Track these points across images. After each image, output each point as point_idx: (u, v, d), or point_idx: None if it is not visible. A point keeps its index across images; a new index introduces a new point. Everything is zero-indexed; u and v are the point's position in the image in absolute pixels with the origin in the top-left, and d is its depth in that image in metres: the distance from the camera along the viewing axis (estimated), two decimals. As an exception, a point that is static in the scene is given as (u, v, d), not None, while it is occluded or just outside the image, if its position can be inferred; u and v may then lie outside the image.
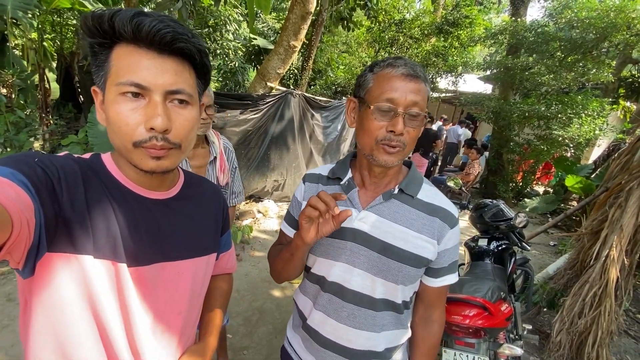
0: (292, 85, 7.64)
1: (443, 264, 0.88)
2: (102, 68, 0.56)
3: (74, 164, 0.58)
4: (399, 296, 0.86)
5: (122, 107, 0.54)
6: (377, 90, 0.77)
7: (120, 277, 0.59)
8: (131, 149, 0.56)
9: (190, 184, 0.76)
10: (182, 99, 0.58)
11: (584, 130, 5.50)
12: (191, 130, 0.61)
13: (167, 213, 0.68)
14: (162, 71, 0.55)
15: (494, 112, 6.56)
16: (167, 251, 0.67)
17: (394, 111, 0.76)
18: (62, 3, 4.63)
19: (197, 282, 0.73)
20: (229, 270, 0.94)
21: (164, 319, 0.67)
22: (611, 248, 2.05)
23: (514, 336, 1.98)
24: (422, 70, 0.78)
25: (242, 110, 4.18)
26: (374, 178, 0.87)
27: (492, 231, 2.25)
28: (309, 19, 4.08)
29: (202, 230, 0.75)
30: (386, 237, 0.83)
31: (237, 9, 6.95)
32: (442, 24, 8.99)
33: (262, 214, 4.60)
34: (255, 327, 2.52)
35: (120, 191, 0.62)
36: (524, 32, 6.36)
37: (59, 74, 6.58)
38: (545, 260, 4.27)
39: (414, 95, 0.75)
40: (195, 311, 0.77)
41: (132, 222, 0.61)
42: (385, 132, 0.77)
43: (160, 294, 0.66)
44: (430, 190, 0.89)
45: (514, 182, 6.99)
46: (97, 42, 0.55)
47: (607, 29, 5.20)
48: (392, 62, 0.78)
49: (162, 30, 0.52)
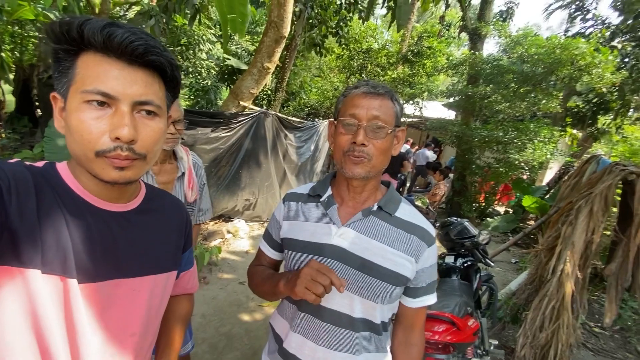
0: (265, 105, 7.71)
1: (421, 283, 0.88)
2: (66, 75, 0.54)
3: (25, 171, 0.54)
4: (378, 316, 0.86)
5: (86, 115, 0.52)
6: (343, 109, 0.85)
7: (69, 293, 0.55)
8: (93, 158, 0.54)
9: (152, 197, 0.73)
10: (150, 110, 0.57)
11: (537, 154, 5.95)
12: (157, 141, 0.60)
13: (126, 226, 0.64)
14: (131, 82, 0.54)
15: (457, 136, 6.96)
16: (124, 267, 0.63)
17: (356, 125, 0.81)
18: (25, 14, 4.45)
19: (154, 301, 0.70)
20: (190, 290, 0.90)
21: (116, 341, 0.63)
22: (565, 263, 2.18)
23: (481, 352, 2.03)
24: (386, 89, 0.84)
25: (213, 128, 4.13)
26: (352, 193, 0.89)
27: (457, 248, 2.34)
28: (283, 43, 4.20)
29: (163, 247, 0.72)
30: (365, 254, 0.83)
31: (211, 30, 7.02)
32: (407, 53, 9.58)
33: (232, 234, 4.46)
34: (222, 354, 2.39)
35: (74, 202, 0.58)
36: (482, 64, 6.92)
37: (15, 86, 6.21)
38: (507, 277, 4.45)
39: (375, 110, 0.81)
40: (151, 333, 0.72)
41: (86, 235, 0.58)
42: (350, 143, 0.82)
43: (113, 313, 0.62)
44: (408, 209, 0.91)
45: (476, 203, 7.35)
46: (62, 49, 0.53)
47: (554, 64, 5.77)
48: (357, 84, 0.86)
49: (134, 42, 0.52)
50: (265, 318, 2.88)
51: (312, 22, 6.68)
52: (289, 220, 0.94)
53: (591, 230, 2.21)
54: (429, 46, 9.20)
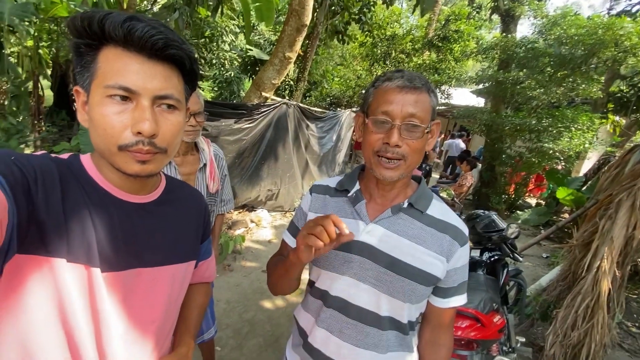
0: (287, 96, 7.70)
1: (452, 283, 0.85)
2: (88, 69, 0.55)
3: (51, 163, 0.56)
4: (405, 315, 0.83)
5: (109, 109, 0.53)
6: (375, 104, 0.78)
7: (92, 281, 0.57)
8: (115, 152, 0.55)
9: (172, 189, 0.75)
10: (170, 104, 0.58)
11: (574, 143, 5.58)
12: (177, 135, 0.61)
13: (146, 217, 0.66)
14: (151, 76, 0.55)
15: (486, 124, 6.65)
16: (144, 257, 0.65)
17: (390, 123, 0.75)
18: (59, 12, 4.65)
19: (173, 290, 0.71)
20: (208, 279, 0.92)
21: (137, 327, 0.65)
22: (602, 259, 2.05)
23: (507, 348, 1.96)
24: (422, 80, 0.77)
25: (236, 119, 4.19)
26: (382, 190, 0.85)
27: (484, 242, 2.25)
28: (304, 31, 4.14)
29: (182, 237, 0.73)
30: (394, 252, 0.80)
31: (233, 21, 7.05)
32: (433, 38, 9.19)
33: (255, 223, 4.56)
34: (245, 340, 2.46)
35: (98, 193, 0.60)
36: (514, 47, 6.52)
37: (53, 82, 6.56)
38: (537, 272, 4.26)
39: (411, 107, 0.74)
40: (171, 320, 0.74)
41: (109, 226, 0.59)
42: (382, 143, 0.76)
43: (135, 301, 0.64)
44: (440, 206, 0.87)
45: (506, 194, 7.04)
46: (84, 43, 0.54)
47: (596, 46, 5.34)
48: (390, 76, 0.78)
49: (154, 37, 0.52)
50: (287, 305, 2.93)
51: (335, 9, 6.55)
52: (315, 213, 0.91)
53: (632, 225, 2.05)
54: (456, 30, 8.78)
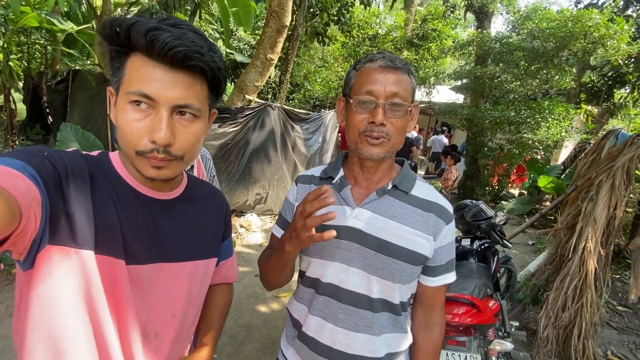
0: (270, 99, 7.68)
1: (440, 261, 0.86)
2: (117, 74, 0.58)
3: (81, 159, 0.59)
4: (396, 296, 0.84)
5: (130, 115, 0.56)
6: (357, 85, 0.79)
7: (117, 273, 0.60)
8: (134, 156, 0.58)
9: (194, 186, 0.77)
10: (189, 112, 0.59)
11: (552, 133, 5.78)
12: (196, 143, 0.62)
13: (168, 214, 0.69)
14: (172, 85, 0.55)
15: (467, 119, 6.82)
16: (166, 252, 0.67)
17: (374, 102, 0.76)
18: (29, 22, 4.48)
19: (193, 286, 0.73)
20: (230, 279, 0.92)
21: (158, 320, 0.67)
22: (587, 240, 2.12)
23: (502, 333, 1.99)
24: (403, 62, 0.79)
25: (220, 123, 4.14)
26: (366, 174, 0.86)
27: (474, 231, 2.29)
28: (285, 33, 4.14)
29: (202, 234, 0.75)
30: (381, 234, 0.80)
31: (212, 25, 6.99)
32: (412, 37, 9.37)
33: (245, 228, 4.50)
34: (241, 345, 2.42)
35: (124, 189, 0.63)
36: (490, 43, 6.73)
37: (26, 95, 6.31)
38: (525, 259, 4.38)
39: (394, 86, 0.75)
40: (191, 316, 0.75)
41: (133, 220, 0.63)
42: (367, 123, 0.77)
43: (156, 294, 0.66)
44: (424, 186, 0.88)
45: (490, 186, 7.22)
46: (114, 49, 0.57)
47: (566, 38, 5.57)
48: (372, 57, 0.79)
49: (175, 48, 0.52)
50: (282, 309, 2.90)
51: (313, 10, 6.59)
52: None
53: (613, 205, 2.14)
54: (433, 28, 8.98)
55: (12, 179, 0.44)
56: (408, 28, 9.96)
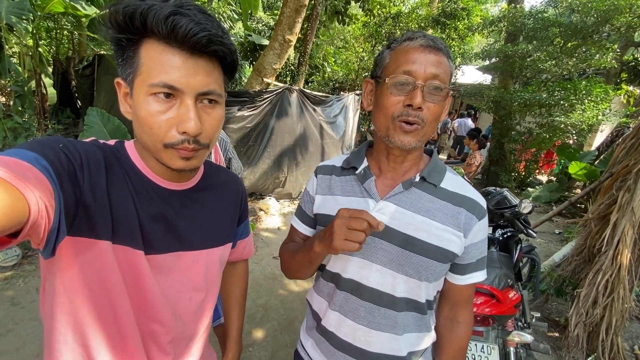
0: (289, 81, 7.59)
1: (470, 259, 0.80)
2: (130, 64, 0.55)
3: (98, 150, 0.59)
4: (422, 295, 0.80)
5: (154, 107, 0.54)
6: (393, 65, 0.72)
7: (137, 263, 0.61)
8: (161, 148, 0.56)
9: (210, 174, 0.77)
10: (212, 99, 0.58)
11: (587, 116, 5.41)
12: (218, 129, 0.63)
13: (186, 204, 0.69)
14: (194, 72, 0.54)
15: (494, 101, 6.49)
16: (184, 241, 0.68)
17: (412, 84, 0.69)
18: (55, 7, 4.59)
19: (211, 271, 0.75)
20: (246, 256, 0.96)
21: (178, 306, 0.69)
22: (623, 233, 1.99)
23: (522, 324, 1.94)
24: (444, 44, 0.72)
25: (239, 107, 4.14)
26: (393, 163, 0.80)
27: (496, 219, 2.21)
28: (304, 12, 4.03)
29: (220, 221, 0.76)
30: (407, 229, 0.76)
31: (230, 6, 6.91)
32: (438, 16, 8.90)
33: (263, 211, 4.57)
34: (259, 324, 2.49)
35: (140, 180, 0.63)
36: (523, 18, 6.28)
37: (55, 80, 6.54)
38: (551, 248, 4.22)
39: (435, 68, 0.69)
40: (210, 297, 0.77)
41: (150, 211, 0.63)
42: (402, 107, 0.71)
43: (174, 281, 0.68)
44: (454, 179, 0.82)
45: (516, 172, 6.92)
46: (125, 38, 0.53)
47: (609, 12, 5.11)
48: (411, 36, 0.72)
49: (198, 34, 0.51)
50: (299, 290, 2.95)
51: (334, -12, 6.35)
52: (322, 195, 0.87)
53: (653, 195, 1.99)
54: (463, 7, 8.47)
55: (21, 172, 0.43)
56: (433, 5, 9.46)
